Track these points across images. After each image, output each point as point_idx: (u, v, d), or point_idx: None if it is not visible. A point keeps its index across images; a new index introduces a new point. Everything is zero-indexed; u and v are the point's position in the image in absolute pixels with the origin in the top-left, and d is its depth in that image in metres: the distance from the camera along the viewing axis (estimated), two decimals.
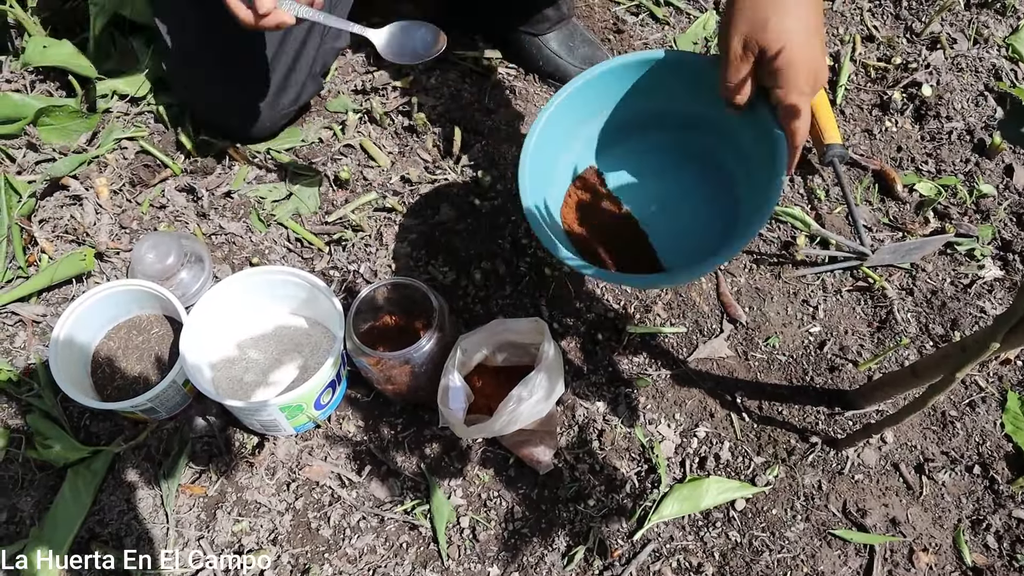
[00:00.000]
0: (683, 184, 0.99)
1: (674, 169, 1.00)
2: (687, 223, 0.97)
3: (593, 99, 0.95)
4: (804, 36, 0.70)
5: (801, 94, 0.73)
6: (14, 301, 1.03)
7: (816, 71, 0.72)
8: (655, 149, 1.00)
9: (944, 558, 0.93)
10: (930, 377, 0.84)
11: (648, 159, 1.01)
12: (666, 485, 0.94)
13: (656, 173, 1.01)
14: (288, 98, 1.11)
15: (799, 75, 0.71)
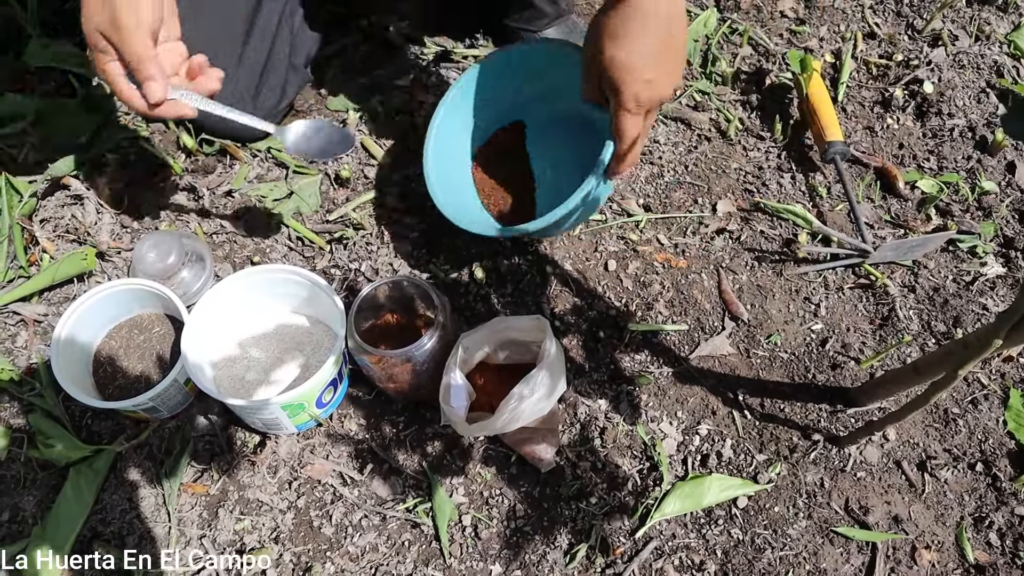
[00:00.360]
0: (569, 150, 1.11)
1: (565, 134, 1.11)
2: (564, 188, 1.04)
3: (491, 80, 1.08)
4: (639, 62, 0.78)
5: (627, 111, 0.82)
6: (15, 301, 1.03)
7: (646, 94, 0.80)
8: (550, 117, 1.12)
9: (946, 555, 0.92)
10: (932, 374, 0.84)
11: (561, 123, 1.11)
12: (668, 483, 0.94)
13: (551, 139, 1.13)
14: (272, 99, 1.11)
15: (624, 97, 0.80)
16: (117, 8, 0.78)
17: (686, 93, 1.29)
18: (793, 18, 1.42)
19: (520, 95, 1.11)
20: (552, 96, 1.09)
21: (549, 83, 1.07)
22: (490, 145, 1.14)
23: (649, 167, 1.22)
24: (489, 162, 1.14)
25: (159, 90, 0.80)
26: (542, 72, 1.06)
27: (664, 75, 0.80)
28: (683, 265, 1.12)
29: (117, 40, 0.79)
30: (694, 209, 1.18)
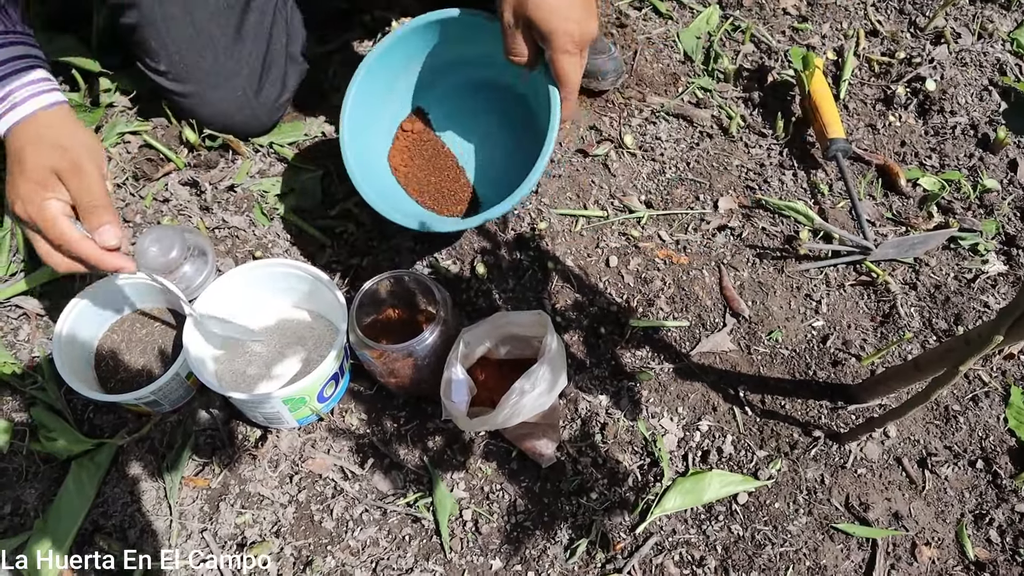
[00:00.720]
0: (494, 120, 1.10)
1: (489, 106, 1.09)
2: (500, 156, 1.09)
3: (405, 53, 1.03)
4: (564, 8, 0.80)
5: (565, 52, 0.83)
6: (18, 294, 1.04)
7: (578, 32, 0.82)
8: (470, 87, 1.09)
9: (947, 552, 0.92)
10: (933, 371, 0.84)
11: (465, 97, 1.10)
12: (669, 478, 0.94)
13: (473, 111, 1.10)
14: (274, 92, 1.12)
15: (560, 38, 0.82)
16: (79, 153, 0.78)
17: (688, 90, 1.29)
18: (795, 15, 1.42)
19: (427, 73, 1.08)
20: (457, 67, 1.06)
21: (457, 54, 1.04)
22: (398, 144, 1.10)
23: (651, 164, 1.22)
24: (404, 162, 1.10)
25: (115, 235, 0.77)
26: (449, 44, 1.03)
27: (587, 13, 0.83)
28: (684, 262, 1.12)
29: (77, 183, 0.77)
30: (696, 206, 1.18)
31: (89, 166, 0.78)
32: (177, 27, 1.02)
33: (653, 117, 1.27)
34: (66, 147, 0.78)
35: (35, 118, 0.81)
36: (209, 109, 1.09)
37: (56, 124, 0.81)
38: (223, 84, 1.07)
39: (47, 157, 0.77)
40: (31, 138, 0.79)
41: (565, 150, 1.22)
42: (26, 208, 0.76)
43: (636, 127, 1.25)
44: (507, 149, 1.09)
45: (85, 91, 1.18)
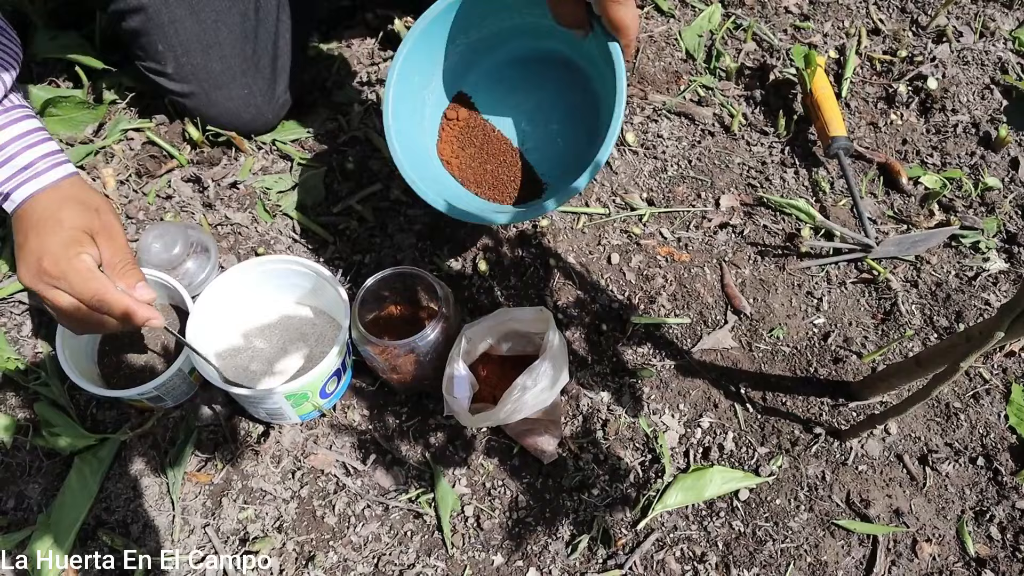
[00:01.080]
0: (546, 93, 1.03)
1: (536, 79, 1.03)
2: (557, 132, 1.02)
3: (438, 38, 0.97)
4: None
5: (616, 1, 0.77)
6: (21, 290, 1.04)
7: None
8: (512, 62, 1.03)
9: (947, 549, 0.93)
10: (934, 367, 0.84)
11: (511, 73, 1.04)
12: (670, 475, 0.95)
13: (519, 86, 1.04)
14: (280, 89, 1.13)
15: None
16: (111, 217, 0.83)
17: (690, 88, 1.30)
18: (797, 14, 1.42)
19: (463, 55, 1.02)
20: (495, 43, 1.01)
21: (492, 28, 0.99)
22: (444, 135, 1.05)
23: (652, 161, 1.22)
24: (455, 153, 1.05)
25: (151, 292, 0.80)
26: (482, 19, 0.98)
27: None
28: (686, 259, 1.12)
29: (110, 243, 0.80)
30: (697, 203, 1.18)
31: (119, 229, 0.83)
32: (184, 29, 1.02)
33: (655, 115, 1.27)
34: (99, 209, 0.82)
35: (59, 186, 0.84)
36: (216, 109, 1.10)
37: (79, 189, 0.85)
38: (229, 84, 1.07)
39: (82, 218, 0.80)
40: (59, 202, 0.82)
41: None
42: (58, 264, 0.76)
43: (638, 125, 1.26)
44: (564, 121, 1.03)
45: (88, 88, 1.18)
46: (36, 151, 0.84)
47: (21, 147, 0.84)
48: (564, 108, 1.02)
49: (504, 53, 1.03)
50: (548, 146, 1.03)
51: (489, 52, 1.02)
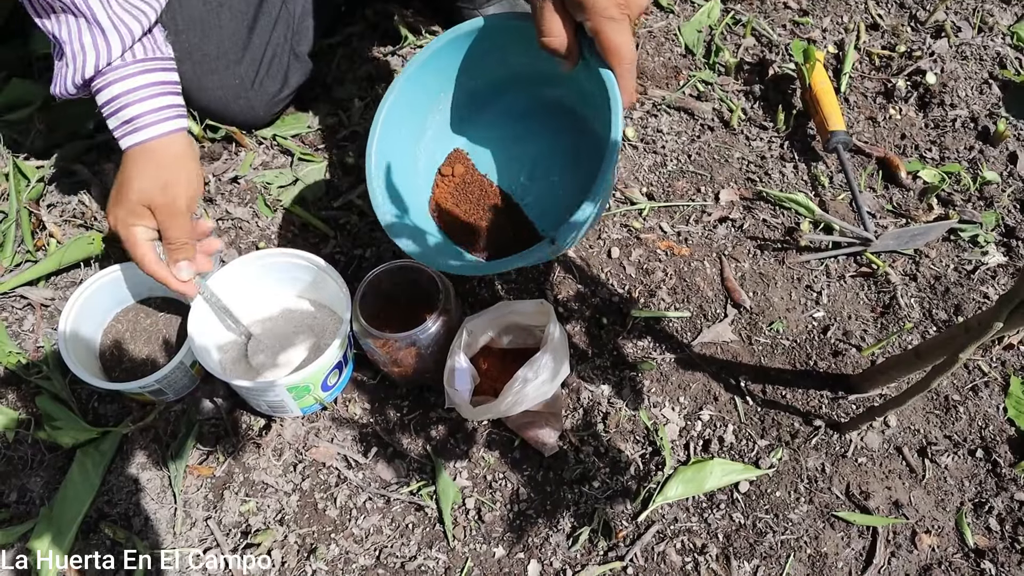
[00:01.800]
0: (545, 142, 0.96)
1: (533, 128, 0.96)
2: (558, 183, 0.95)
3: (432, 82, 0.90)
4: None
5: (611, 20, 0.68)
6: (23, 285, 1.04)
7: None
8: (510, 112, 0.96)
9: (946, 540, 0.93)
10: (934, 359, 0.84)
11: (507, 124, 0.97)
12: (670, 467, 0.95)
13: (518, 137, 0.97)
14: (273, 86, 1.12)
15: (600, 2, 0.67)
16: (174, 189, 0.84)
17: (689, 83, 1.30)
18: (796, 9, 1.43)
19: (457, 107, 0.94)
20: (490, 94, 0.94)
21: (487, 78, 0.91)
22: (439, 192, 0.97)
23: (652, 156, 1.22)
24: (449, 210, 0.97)
25: (190, 272, 0.87)
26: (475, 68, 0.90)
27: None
28: (686, 253, 1.12)
29: (166, 221, 0.84)
30: (697, 198, 1.18)
31: (182, 206, 0.85)
32: (188, 3, 1.02)
33: (654, 110, 1.27)
34: (166, 184, 0.84)
35: (149, 145, 0.86)
36: (206, 96, 1.09)
37: (166, 155, 0.86)
38: (222, 71, 1.07)
39: (148, 191, 0.84)
40: (140, 166, 0.85)
41: None
42: (118, 227, 0.85)
43: (637, 120, 1.26)
44: (564, 170, 0.95)
45: None
46: (147, 104, 0.86)
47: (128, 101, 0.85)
48: (564, 156, 0.95)
49: (501, 105, 0.96)
50: (548, 198, 0.96)
51: (484, 105, 0.96)
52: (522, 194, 0.97)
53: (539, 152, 0.97)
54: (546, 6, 0.69)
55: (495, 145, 0.98)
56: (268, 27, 1.09)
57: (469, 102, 0.95)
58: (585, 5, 0.67)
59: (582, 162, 0.92)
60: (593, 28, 0.69)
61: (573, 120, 0.92)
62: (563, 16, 0.70)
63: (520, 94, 0.93)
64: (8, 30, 1.20)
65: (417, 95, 0.90)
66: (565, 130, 0.94)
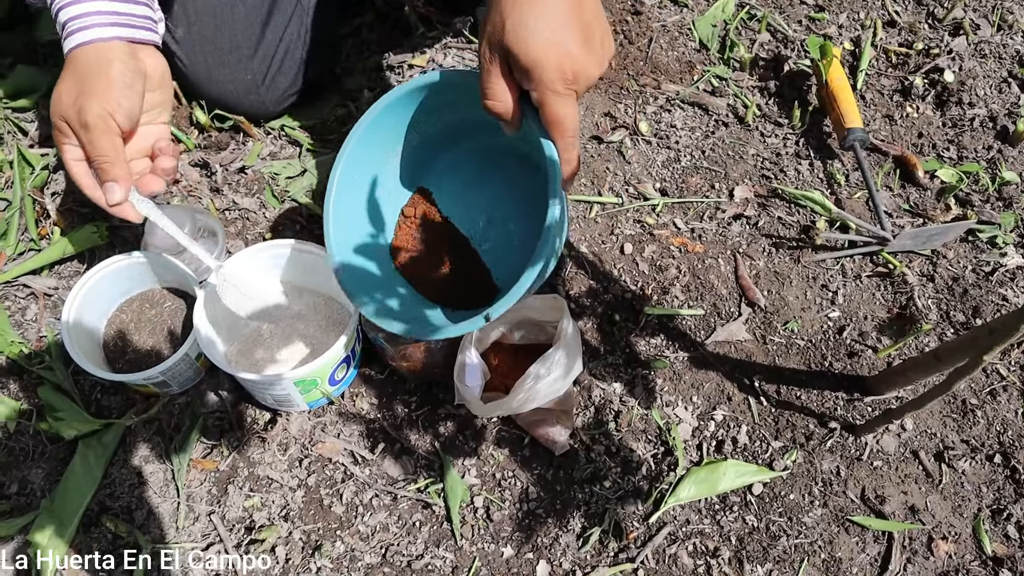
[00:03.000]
0: (504, 188, 0.93)
1: (496, 174, 0.93)
2: (514, 232, 0.93)
3: (391, 128, 0.88)
4: (549, 32, 0.63)
5: (556, 93, 0.65)
6: (26, 273, 1.03)
7: (570, 67, 0.64)
8: (473, 157, 0.93)
9: (963, 547, 0.91)
10: (954, 361, 0.82)
11: (470, 169, 0.94)
12: (683, 468, 0.93)
13: (479, 183, 0.94)
14: (285, 81, 1.10)
15: (547, 73, 0.64)
16: (85, 99, 0.75)
17: (704, 78, 1.28)
18: (812, 5, 1.41)
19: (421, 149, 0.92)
20: (455, 136, 0.91)
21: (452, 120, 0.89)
22: (401, 235, 0.94)
23: (666, 151, 1.20)
24: (410, 253, 0.94)
25: (120, 193, 0.78)
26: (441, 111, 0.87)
27: (584, 44, 0.65)
28: (700, 250, 1.10)
29: (83, 137, 0.77)
30: (711, 194, 1.17)
31: (93, 119, 0.75)
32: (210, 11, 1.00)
33: (668, 105, 1.25)
34: (79, 93, 0.76)
35: (73, 55, 0.78)
36: (217, 88, 1.08)
37: (84, 64, 0.78)
38: (234, 64, 1.06)
39: (62, 103, 0.76)
40: (62, 78, 0.77)
41: (580, 137, 1.20)
42: (55, 140, 0.79)
43: (651, 114, 1.24)
44: (521, 220, 0.93)
45: None
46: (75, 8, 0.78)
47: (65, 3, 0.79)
48: (522, 207, 0.92)
49: (463, 147, 0.93)
50: (505, 247, 0.93)
51: (445, 148, 0.93)
52: (480, 239, 0.94)
53: (499, 198, 0.94)
54: (493, 69, 0.67)
55: (458, 188, 0.95)
56: (283, 23, 1.07)
57: (429, 146, 0.92)
58: (532, 76, 0.65)
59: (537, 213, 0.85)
60: (539, 99, 0.67)
61: (532, 169, 0.87)
62: (509, 81, 0.68)
63: (478, 139, 0.90)
64: (14, 17, 1.19)
65: (379, 139, 0.88)
66: (525, 180, 0.90)
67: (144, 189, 0.82)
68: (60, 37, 0.79)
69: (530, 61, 0.64)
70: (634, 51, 1.30)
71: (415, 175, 0.95)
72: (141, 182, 0.82)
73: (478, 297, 0.91)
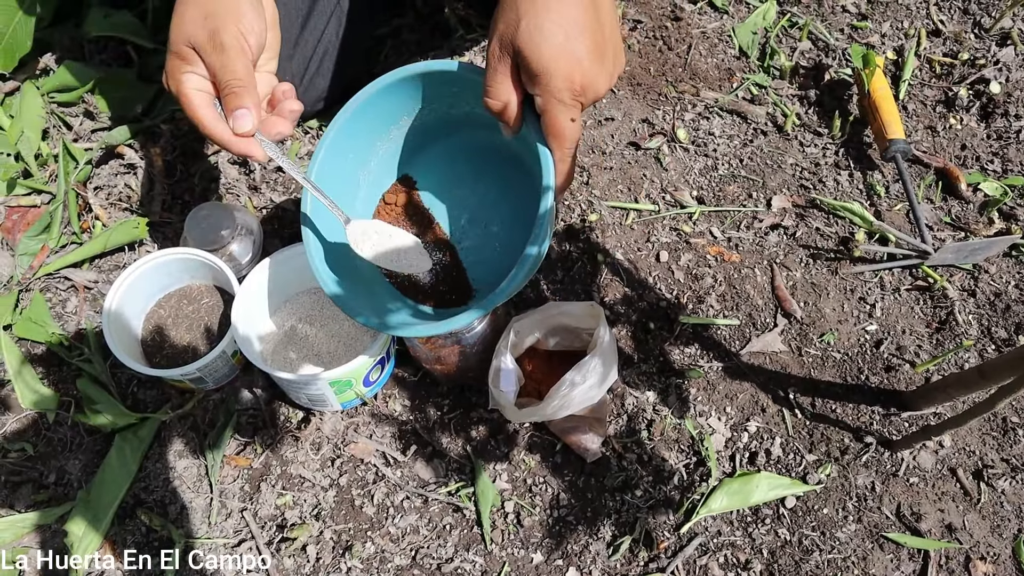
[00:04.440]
0: (491, 190, 0.91)
1: (484, 173, 0.91)
2: (495, 235, 0.91)
3: (387, 109, 0.85)
4: (564, 38, 0.62)
5: (562, 103, 0.64)
6: (67, 266, 1.04)
7: (580, 78, 0.63)
8: (463, 152, 0.91)
9: (1003, 568, 0.89)
10: (1000, 379, 0.81)
11: (459, 164, 0.92)
12: (715, 479, 0.92)
13: (466, 178, 0.92)
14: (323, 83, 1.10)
15: (555, 81, 0.63)
16: (222, 25, 0.70)
17: (743, 86, 1.27)
18: (855, 13, 1.39)
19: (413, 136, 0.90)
20: (450, 128, 0.89)
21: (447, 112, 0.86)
22: (379, 219, 0.92)
23: (703, 159, 1.19)
24: None
25: (251, 121, 0.70)
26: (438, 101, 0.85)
27: (597, 57, 0.63)
28: (736, 259, 1.09)
29: (215, 60, 0.70)
30: (748, 203, 1.15)
31: (229, 39, 0.70)
32: None
33: (707, 112, 1.24)
34: (208, 15, 0.70)
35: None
36: None
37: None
38: None
39: (188, 27, 0.70)
40: (185, 3, 0.71)
41: (617, 142, 1.20)
42: (169, 83, 0.72)
43: (689, 122, 1.23)
44: (504, 224, 0.91)
45: (139, 66, 1.18)
46: None
47: None
48: (507, 210, 0.91)
49: (454, 141, 0.90)
50: (485, 248, 0.92)
51: (437, 138, 0.90)
52: (460, 237, 0.92)
53: (484, 198, 0.92)
54: (500, 68, 0.65)
55: (443, 181, 0.93)
56: (321, 24, 1.07)
57: (420, 135, 0.89)
58: (540, 81, 0.63)
59: (523, 221, 0.86)
60: (542, 106, 0.65)
61: (524, 175, 0.84)
62: (514, 82, 0.66)
63: (476, 133, 0.88)
64: (62, 12, 1.20)
65: (373, 117, 0.85)
66: (513, 183, 0.88)
67: (271, 130, 0.74)
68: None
69: (540, 66, 0.62)
70: (673, 57, 1.29)
71: (402, 162, 0.92)
72: (266, 123, 0.74)
73: (451, 297, 0.89)
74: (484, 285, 0.90)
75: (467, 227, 0.93)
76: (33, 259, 1.04)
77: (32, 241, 1.04)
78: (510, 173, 0.88)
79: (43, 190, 1.09)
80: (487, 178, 0.92)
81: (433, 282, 0.90)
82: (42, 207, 1.09)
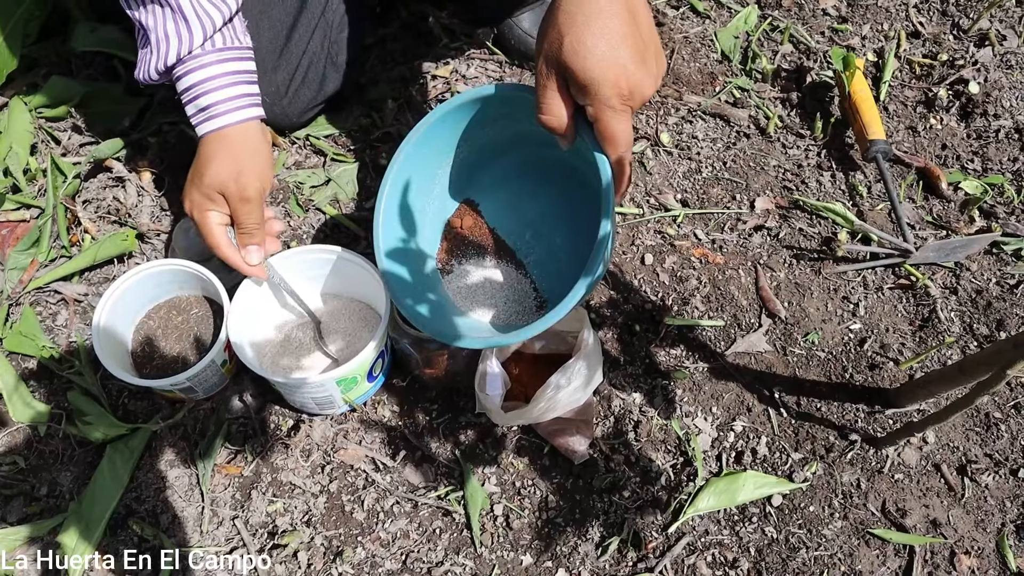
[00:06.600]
0: (551, 203, 0.95)
1: (543, 187, 0.95)
2: (560, 246, 0.94)
3: (444, 139, 0.90)
4: (606, 49, 0.65)
5: (612, 109, 0.67)
6: (57, 280, 1.05)
7: (626, 84, 0.66)
8: (520, 170, 0.95)
9: (987, 562, 0.91)
10: (978, 374, 0.82)
11: (514, 180, 0.95)
12: (702, 478, 0.93)
13: (524, 195, 0.96)
14: (308, 93, 1.11)
15: (604, 90, 0.66)
16: (246, 177, 0.84)
17: (725, 89, 1.28)
18: (835, 16, 1.41)
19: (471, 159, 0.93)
20: (505, 148, 0.92)
21: (502, 133, 0.90)
22: (446, 245, 0.96)
23: (687, 162, 1.21)
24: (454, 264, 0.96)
25: (259, 256, 0.88)
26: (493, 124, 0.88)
27: (639, 61, 0.66)
28: (720, 261, 1.11)
29: (240, 208, 0.85)
30: (732, 205, 1.17)
31: (253, 194, 0.85)
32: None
33: (690, 116, 1.26)
34: (239, 172, 0.84)
35: (223, 132, 0.86)
36: None
37: (240, 143, 0.86)
38: (260, 79, 1.07)
39: (221, 178, 0.84)
40: (215, 153, 0.85)
41: None
42: (192, 210, 0.86)
43: (672, 125, 1.24)
44: (568, 234, 0.94)
45: (126, 80, 1.19)
46: (222, 94, 0.86)
47: (206, 89, 0.86)
48: (569, 221, 0.94)
49: (510, 159, 0.94)
50: (550, 260, 0.95)
51: (494, 159, 0.94)
52: (526, 252, 0.96)
53: (544, 211, 0.96)
54: (549, 85, 0.69)
55: (504, 200, 0.97)
56: (306, 36, 1.08)
57: (480, 155, 0.93)
58: (589, 91, 0.66)
59: (585, 230, 0.89)
60: (594, 115, 0.68)
61: (582, 186, 0.89)
62: (564, 97, 0.70)
63: (528, 151, 0.92)
64: (49, 28, 1.21)
65: (429, 151, 0.90)
66: (572, 194, 0.92)
67: (269, 251, 0.90)
68: (197, 113, 0.86)
69: (588, 78, 0.65)
70: None
71: (463, 186, 0.96)
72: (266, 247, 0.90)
73: (522, 308, 0.93)
74: (553, 296, 0.93)
75: (532, 242, 0.96)
76: (23, 273, 1.04)
77: (22, 255, 1.05)
78: (566, 185, 0.92)
79: (32, 204, 1.09)
80: (545, 193, 0.95)
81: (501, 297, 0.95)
82: (31, 221, 1.09)
